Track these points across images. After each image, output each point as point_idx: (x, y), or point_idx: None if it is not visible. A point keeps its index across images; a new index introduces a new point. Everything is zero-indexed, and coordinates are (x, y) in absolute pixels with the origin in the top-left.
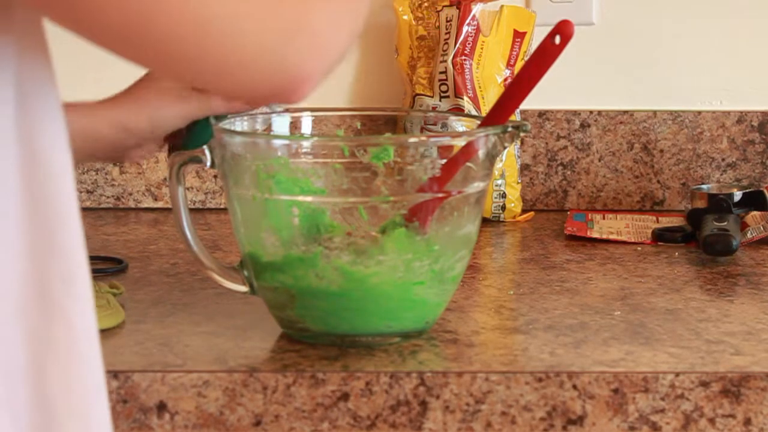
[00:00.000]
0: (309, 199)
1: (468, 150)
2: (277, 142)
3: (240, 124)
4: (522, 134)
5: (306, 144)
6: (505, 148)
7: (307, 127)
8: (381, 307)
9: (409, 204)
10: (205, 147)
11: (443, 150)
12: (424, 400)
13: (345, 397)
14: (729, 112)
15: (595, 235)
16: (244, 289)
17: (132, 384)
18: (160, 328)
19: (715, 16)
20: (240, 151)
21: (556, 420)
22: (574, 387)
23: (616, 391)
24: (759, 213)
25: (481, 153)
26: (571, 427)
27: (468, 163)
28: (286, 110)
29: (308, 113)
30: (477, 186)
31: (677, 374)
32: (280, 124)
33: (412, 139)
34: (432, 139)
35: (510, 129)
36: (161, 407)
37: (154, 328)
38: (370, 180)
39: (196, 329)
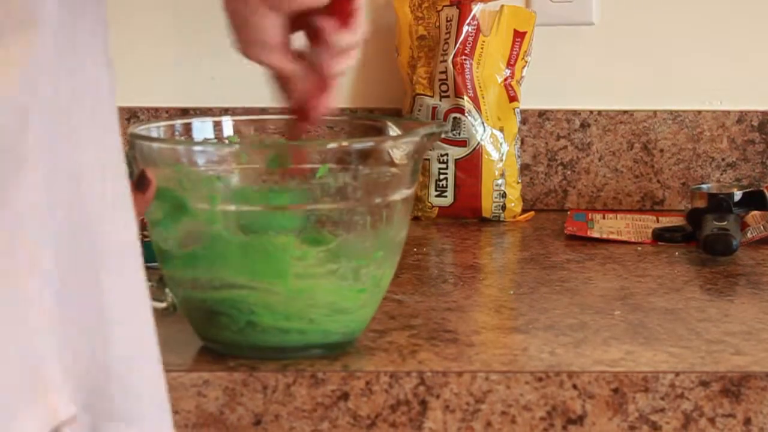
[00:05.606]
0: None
1: None
2: (156, 146)
3: (156, 131)
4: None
5: (197, 149)
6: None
7: (228, 131)
8: (262, 315)
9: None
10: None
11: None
12: (424, 399)
13: (345, 396)
14: (729, 112)
15: (595, 235)
16: (160, 305)
17: None
18: (161, 328)
19: (715, 16)
20: (137, 154)
21: (556, 420)
22: (574, 387)
23: (616, 390)
24: (759, 213)
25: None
26: (571, 426)
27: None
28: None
29: (228, 117)
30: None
31: (677, 374)
32: (202, 129)
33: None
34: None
35: (423, 135)
36: None
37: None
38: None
39: None
